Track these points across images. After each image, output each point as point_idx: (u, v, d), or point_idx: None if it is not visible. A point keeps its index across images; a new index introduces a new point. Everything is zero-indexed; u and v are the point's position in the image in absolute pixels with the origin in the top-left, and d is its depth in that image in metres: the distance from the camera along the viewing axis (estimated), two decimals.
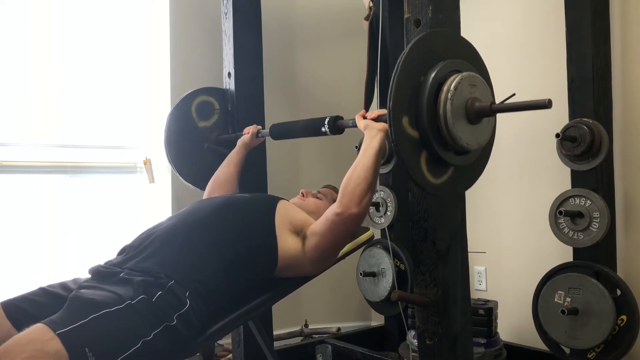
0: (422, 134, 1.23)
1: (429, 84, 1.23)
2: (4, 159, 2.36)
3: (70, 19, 2.53)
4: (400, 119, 1.19)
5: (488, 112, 1.24)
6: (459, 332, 1.38)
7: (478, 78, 1.27)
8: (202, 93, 2.23)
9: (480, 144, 1.29)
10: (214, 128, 2.23)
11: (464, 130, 1.23)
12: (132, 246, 1.49)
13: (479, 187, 2.77)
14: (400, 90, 1.20)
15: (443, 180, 1.28)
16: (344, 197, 1.45)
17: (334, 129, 1.72)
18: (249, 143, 2.08)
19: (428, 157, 1.24)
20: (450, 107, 1.20)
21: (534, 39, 2.59)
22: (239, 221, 1.56)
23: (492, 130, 1.33)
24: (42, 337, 1.11)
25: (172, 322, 1.29)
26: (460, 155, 1.29)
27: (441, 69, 1.24)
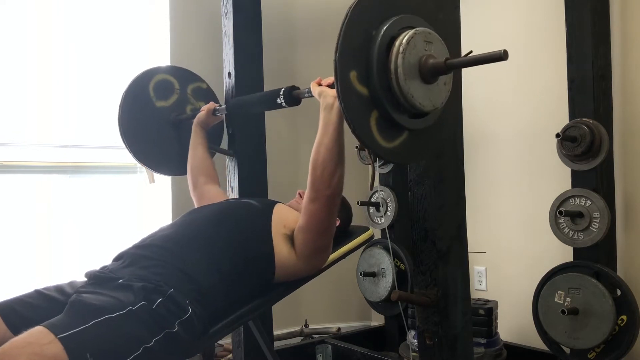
0: (372, 92, 1.12)
1: (380, 37, 1.12)
2: (4, 159, 2.36)
3: (71, 19, 2.52)
4: (348, 73, 1.09)
5: (443, 68, 1.14)
6: (459, 332, 1.38)
7: (434, 35, 1.17)
8: (162, 71, 2.13)
9: (435, 106, 1.18)
10: (173, 108, 2.12)
11: (418, 89, 1.13)
12: (129, 254, 1.47)
13: (479, 187, 2.79)
14: (349, 41, 1.09)
15: (395, 144, 1.18)
16: (315, 183, 1.42)
17: (290, 100, 1.65)
18: (204, 120, 2.00)
19: (379, 118, 1.14)
20: (402, 62, 1.10)
21: (534, 39, 2.59)
22: (236, 232, 1.54)
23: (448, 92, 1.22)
24: (41, 341, 1.11)
25: (174, 328, 1.28)
26: (414, 119, 1.19)
27: (395, 22, 1.15)
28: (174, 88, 2.15)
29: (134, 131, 2.04)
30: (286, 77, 3.10)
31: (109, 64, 2.61)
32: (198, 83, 2.24)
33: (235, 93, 2.20)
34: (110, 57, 2.61)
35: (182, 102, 2.17)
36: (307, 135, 3.13)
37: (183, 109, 2.16)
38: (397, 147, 1.19)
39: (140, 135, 2.05)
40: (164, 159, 2.11)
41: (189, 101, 2.19)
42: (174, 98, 2.14)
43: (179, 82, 2.17)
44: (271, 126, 2.43)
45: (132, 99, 2.04)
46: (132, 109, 2.04)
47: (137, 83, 2.06)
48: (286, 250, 1.54)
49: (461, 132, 1.46)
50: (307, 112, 3.09)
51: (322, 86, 1.49)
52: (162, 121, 2.10)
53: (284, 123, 3.05)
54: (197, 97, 2.21)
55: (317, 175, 1.42)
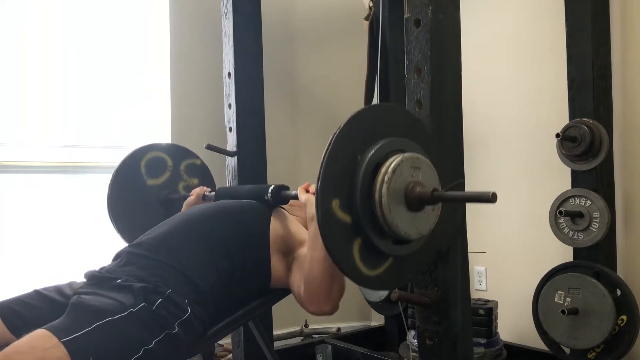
0: (355, 219, 1.07)
1: (365, 164, 1.08)
2: (4, 159, 2.36)
3: (71, 19, 2.53)
4: (330, 202, 1.04)
5: (429, 199, 1.09)
6: (459, 332, 1.38)
7: (423, 160, 1.13)
8: (155, 149, 2.09)
9: (422, 233, 1.13)
10: (164, 186, 2.09)
11: (403, 218, 1.08)
12: (127, 253, 1.46)
13: (479, 186, 2.78)
14: (332, 168, 1.05)
15: (379, 272, 1.13)
16: (312, 297, 1.40)
17: (277, 199, 1.64)
18: (194, 204, 1.92)
19: (362, 245, 1.09)
20: (387, 191, 1.05)
21: (534, 39, 2.59)
22: (235, 233, 1.53)
23: (436, 219, 1.16)
24: (44, 345, 1.10)
25: (174, 329, 1.28)
26: (399, 245, 1.14)
27: (381, 148, 1.10)
28: (166, 166, 2.11)
29: (122, 211, 1.99)
30: (286, 77, 3.11)
31: (109, 64, 2.61)
32: (192, 160, 2.19)
33: (235, 93, 2.20)
34: (110, 57, 2.62)
35: (175, 180, 2.13)
36: (307, 135, 3.14)
37: (175, 186, 2.12)
38: (382, 275, 1.14)
39: (128, 214, 2.00)
40: None
41: (182, 178, 2.15)
42: (165, 176, 2.10)
43: (172, 159, 2.12)
44: (271, 126, 2.44)
45: (123, 178, 2.00)
46: (122, 189, 2.00)
47: (129, 161, 2.03)
48: (282, 268, 1.53)
49: (461, 131, 1.46)
50: (307, 112, 3.10)
51: (309, 194, 1.47)
52: (152, 200, 2.06)
53: (284, 123, 3.05)
54: (190, 174, 2.17)
55: (313, 290, 1.39)
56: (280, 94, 3.01)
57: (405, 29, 1.39)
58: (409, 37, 1.36)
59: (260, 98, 2.30)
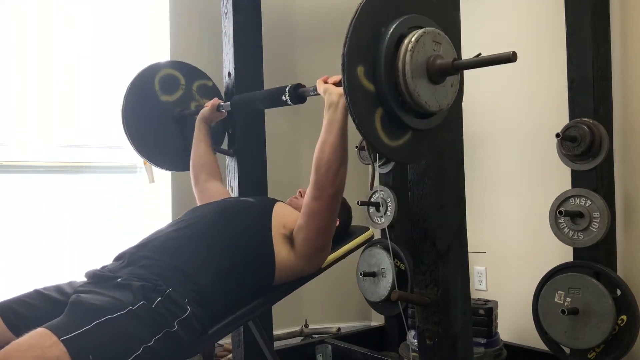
0: (378, 88, 1.12)
1: (389, 34, 1.12)
2: (4, 159, 2.36)
3: (71, 19, 2.53)
4: (355, 68, 1.09)
5: (450, 69, 1.14)
6: (459, 332, 1.38)
7: (443, 36, 1.17)
8: (168, 66, 2.13)
9: (441, 106, 1.18)
10: (178, 103, 2.11)
11: (424, 89, 1.13)
12: (129, 254, 1.47)
13: (479, 187, 2.79)
14: (358, 36, 1.09)
15: (399, 143, 1.18)
16: (318, 180, 1.42)
17: (295, 98, 1.64)
18: (208, 116, 1.99)
19: (384, 115, 1.14)
20: (410, 61, 1.10)
21: (534, 39, 2.59)
22: (235, 231, 1.53)
23: (455, 94, 1.21)
24: (43, 343, 1.10)
25: (173, 328, 1.28)
26: (419, 119, 1.19)
27: (404, 21, 1.15)
28: (179, 83, 2.14)
29: (136, 123, 2.03)
30: (286, 77, 3.10)
31: (109, 63, 2.61)
32: (204, 80, 2.23)
33: (236, 93, 2.20)
34: (110, 57, 2.62)
35: (187, 98, 2.16)
36: (307, 135, 3.14)
37: (187, 105, 2.15)
38: (401, 147, 1.19)
39: (142, 127, 2.04)
40: (165, 153, 2.10)
41: (194, 98, 2.18)
42: (179, 93, 2.13)
43: (185, 78, 2.16)
44: (271, 126, 2.43)
45: (137, 91, 2.03)
46: (137, 101, 2.03)
47: (143, 76, 2.06)
48: (285, 250, 1.53)
49: (461, 132, 1.46)
50: (307, 112, 3.10)
51: (328, 84, 1.48)
52: (166, 115, 2.09)
53: (285, 123, 3.05)
54: (202, 95, 2.20)
55: (321, 174, 1.41)
56: None
57: None
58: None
59: None
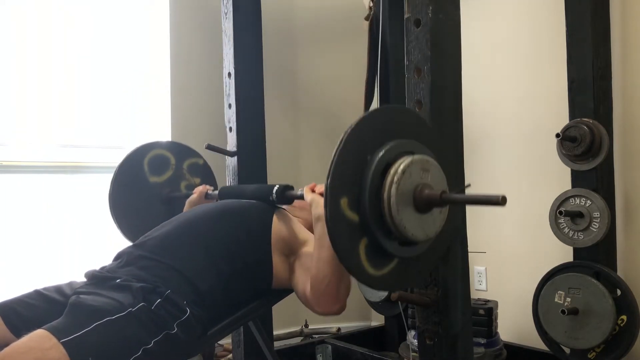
0: (362, 218, 1.08)
1: (375, 164, 1.09)
2: (4, 159, 2.36)
3: (71, 19, 2.53)
4: (339, 200, 1.05)
5: (438, 201, 1.10)
6: (459, 332, 1.38)
7: (432, 163, 1.14)
8: (158, 147, 2.08)
9: (429, 236, 1.14)
10: (167, 184, 2.06)
11: (410, 219, 1.09)
12: (127, 253, 1.46)
13: (479, 187, 2.78)
14: (342, 167, 1.06)
15: (384, 272, 1.13)
16: (320, 298, 1.38)
17: (282, 199, 1.62)
18: (196, 203, 1.92)
19: (368, 245, 1.10)
20: (396, 192, 1.07)
21: (534, 39, 2.59)
22: (236, 234, 1.52)
23: (443, 222, 1.18)
24: (43, 345, 1.10)
25: (173, 329, 1.28)
26: (405, 247, 1.14)
27: (391, 149, 1.11)
28: (169, 164, 2.09)
29: (124, 207, 1.98)
30: (286, 77, 3.11)
31: (109, 63, 2.61)
32: (195, 159, 2.17)
33: (235, 93, 2.20)
34: (110, 57, 2.62)
35: (177, 178, 2.11)
36: (307, 135, 3.14)
37: (177, 185, 2.10)
38: (386, 275, 1.14)
39: (130, 211, 1.99)
40: None
41: (184, 177, 2.13)
42: (168, 174, 2.08)
43: (175, 157, 2.11)
44: (271, 126, 2.43)
45: (125, 175, 1.99)
46: (124, 185, 1.98)
47: (132, 157, 2.02)
48: (283, 268, 1.53)
49: (461, 131, 1.46)
50: (307, 112, 3.10)
51: (315, 194, 1.46)
52: (154, 197, 2.04)
53: (285, 123, 3.05)
54: (193, 173, 2.15)
55: (321, 291, 1.37)
56: (280, 94, 3.01)
57: (405, 29, 1.39)
58: (409, 37, 1.36)
59: (260, 98, 2.30)
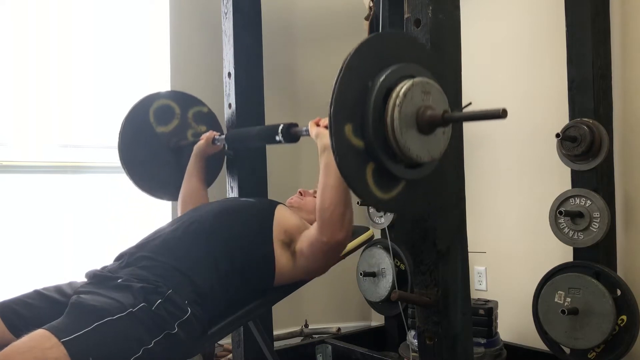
0: (367, 144, 1.10)
1: (376, 89, 1.10)
2: (4, 159, 2.36)
3: (71, 19, 2.53)
4: (343, 127, 1.07)
5: (440, 121, 1.12)
6: (459, 332, 1.38)
7: (433, 85, 1.15)
8: (162, 97, 2.10)
9: (433, 157, 1.16)
10: (174, 134, 2.09)
11: (414, 141, 1.11)
12: (129, 254, 1.47)
13: (479, 187, 2.79)
14: (344, 94, 1.08)
15: (392, 195, 1.16)
16: (325, 226, 1.40)
17: (288, 137, 1.64)
18: (204, 150, 1.97)
19: (375, 170, 1.12)
20: (399, 115, 1.09)
21: (534, 39, 2.59)
22: (236, 233, 1.53)
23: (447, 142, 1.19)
24: (43, 345, 1.10)
25: (173, 329, 1.28)
26: (411, 169, 1.17)
27: (391, 73, 1.12)
28: (174, 113, 2.11)
29: (133, 158, 2.01)
30: (286, 77, 3.11)
31: (109, 63, 2.61)
32: (199, 107, 2.20)
33: (235, 93, 2.20)
34: (110, 57, 2.62)
35: (183, 127, 2.14)
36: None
37: (184, 134, 2.12)
38: (394, 198, 1.16)
39: (139, 162, 2.02)
40: (164, 185, 2.08)
41: (190, 126, 2.16)
42: (174, 123, 2.11)
43: (179, 106, 2.13)
44: None
45: (132, 126, 2.01)
46: (132, 136, 2.01)
47: (137, 109, 2.04)
48: (285, 258, 1.53)
49: (461, 131, 1.46)
50: (308, 112, 3.09)
51: (320, 127, 1.47)
52: (162, 147, 2.07)
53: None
54: (198, 121, 2.17)
55: (326, 219, 1.39)
56: (281, 94, 3.01)
57: (405, 29, 1.39)
58: None
59: (260, 98, 2.29)
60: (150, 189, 2.08)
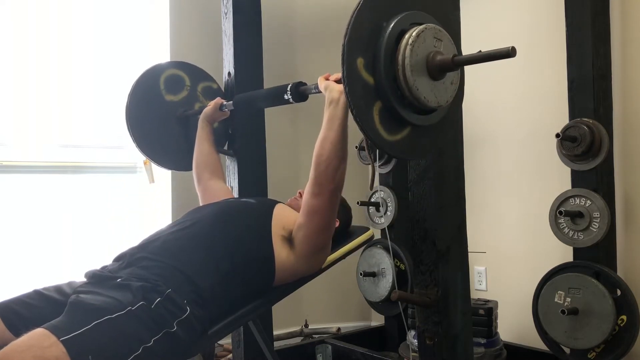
0: (377, 81, 1.12)
1: (390, 28, 1.12)
2: (4, 159, 2.36)
3: (71, 19, 2.53)
4: (355, 59, 1.08)
5: (450, 65, 1.13)
6: (459, 332, 1.38)
7: (444, 33, 1.17)
8: (174, 66, 2.15)
9: (440, 103, 1.18)
10: (182, 104, 2.13)
11: (424, 84, 1.13)
12: (129, 255, 1.47)
13: (479, 187, 2.79)
14: (359, 28, 1.10)
15: (397, 138, 1.16)
16: (318, 176, 1.42)
17: (297, 96, 1.64)
18: (211, 115, 1.99)
19: (382, 109, 1.13)
20: (410, 55, 1.10)
21: (534, 39, 2.59)
22: (236, 233, 1.53)
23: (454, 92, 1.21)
24: (43, 343, 1.10)
25: (172, 328, 1.28)
26: (418, 114, 1.18)
27: (406, 17, 1.15)
28: (184, 84, 2.15)
29: (140, 121, 2.04)
30: (286, 77, 3.10)
31: (109, 63, 2.61)
32: (209, 82, 2.23)
33: (236, 93, 2.20)
34: (110, 57, 2.62)
35: (191, 99, 2.16)
36: (307, 135, 3.13)
37: (191, 106, 2.15)
38: (399, 141, 1.18)
39: (146, 126, 2.05)
40: (167, 152, 2.10)
41: (198, 99, 2.18)
42: (183, 94, 2.14)
43: (190, 79, 2.17)
44: (271, 126, 2.43)
45: (142, 89, 2.05)
46: (141, 100, 2.04)
47: (149, 74, 2.07)
48: (285, 251, 1.53)
49: (461, 131, 1.46)
50: (307, 112, 3.09)
51: (329, 81, 1.48)
52: (169, 115, 2.10)
53: (285, 123, 3.05)
54: (207, 96, 2.20)
55: (321, 170, 1.41)
56: None
57: None
58: None
59: None
60: (153, 154, 2.09)
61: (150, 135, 2.06)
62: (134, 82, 2.04)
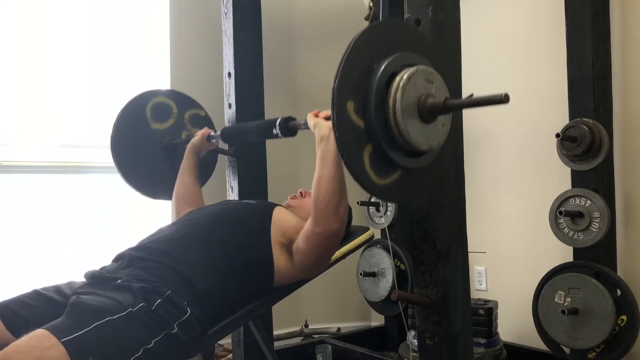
0: (368, 124, 1.10)
1: (381, 71, 1.11)
2: (4, 159, 2.36)
3: (71, 18, 2.53)
4: (345, 103, 1.07)
5: (442, 108, 1.12)
6: (459, 332, 1.38)
7: (436, 75, 1.16)
8: (161, 94, 2.11)
9: (432, 146, 1.16)
10: (168, 132, 2.09)
11: (415, 127, 1.11)
12: (128, 255, 1.47)
13: (480, 187, 2.79)
14: (349, 71, 1.08)
15: (387, 182, 1.15)
16: (320, 216, 1.40)
17: (286, 131, 1.63)
18: (198, 146, 1.95)
19: (372, 153, 1.12)
20: (401, 98, 1.09)
21: (534, 39, 2.60)
22: (235, 235, 1.53)
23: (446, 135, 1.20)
24: (43, 344, 1.10)
25: (173, 329, 1.28)
26: (409, 157, 1.16)
27: (397, 58, 1.14)
28: (171, 112, 2.11)
29: (125, 150, 2.00)
30: (286, 77, 3.11)
31: (109, 63, 2.61)
32: (196, 110, 2.19)
33: (235, 93, 2.20)
34: (110, 57, 2.62)
35: (178, 127, 2.13)
36: (307, 135, 3.13)
37: (178, 134, 2.11)
38: (389, 185, 1.16)
39: (131, 155, 2.01)
40: (153, 181, 2.06)
41: (185, 127, 2.15)
42: (170, 122, 2.10)
43: (177, 106, 2.13)
44: None
45: (128, 118, 2.01)
46: (127, 129, 2.00)
47: (135, 103, 2.03)
48: (283, 258, 1.53)
49: (461, 131, 1.46)
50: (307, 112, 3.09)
51: (318, 118, 1.48)
52: (155, 143, 2.06)
53: None
54: (194, 124, 2.17)
55: (321, 210, 1.39)
56: (281, 93, 3.01)
57: None
58: None
59: (260, 98, 2.30)
60: (138, 183, 2.05)
61: (135, 165, 2.02)
62: (119, 111, 2.01)
